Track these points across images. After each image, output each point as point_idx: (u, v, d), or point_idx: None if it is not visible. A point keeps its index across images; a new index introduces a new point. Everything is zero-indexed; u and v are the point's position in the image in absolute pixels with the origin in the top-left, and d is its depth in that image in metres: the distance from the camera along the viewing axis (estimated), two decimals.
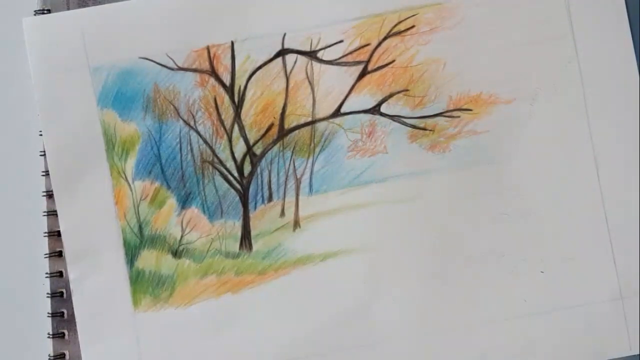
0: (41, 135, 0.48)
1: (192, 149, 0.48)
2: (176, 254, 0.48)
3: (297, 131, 0.48)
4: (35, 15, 0.48)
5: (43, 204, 0.48)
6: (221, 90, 0.48)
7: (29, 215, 0.49)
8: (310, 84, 0.48)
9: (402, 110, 0.48)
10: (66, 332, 0.48)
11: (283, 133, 0.48)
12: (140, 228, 0.48)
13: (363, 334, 0.48)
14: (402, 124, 0.48)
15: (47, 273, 0.48)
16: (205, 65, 0.48)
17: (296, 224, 0.48)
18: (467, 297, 0.48)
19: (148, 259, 0.48)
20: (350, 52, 0.48)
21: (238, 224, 0.48)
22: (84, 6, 0.48)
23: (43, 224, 0.48)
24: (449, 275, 0.48)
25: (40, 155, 0.48)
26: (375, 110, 0.48)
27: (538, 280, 0.48)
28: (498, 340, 0.48)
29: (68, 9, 0.48)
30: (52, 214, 0.48)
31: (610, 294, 0.48)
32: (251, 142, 0.48)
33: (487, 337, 0.48)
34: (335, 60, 0.48)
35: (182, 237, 0.48)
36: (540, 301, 0.48)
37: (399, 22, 0.48)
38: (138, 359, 0.47)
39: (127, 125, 0.48)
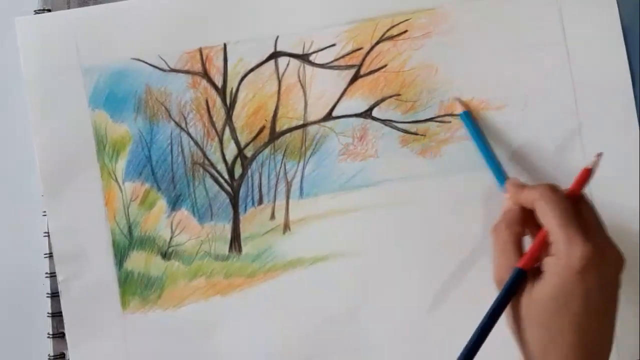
0: None
1: (183, 151, 0.48)
2: (165, 255, 0.48)
3: (288, 134, 0.48)
4: (35, 14, 0.48)
5: (43, 204, 0.48)
6: (213, 92, 0.48)
7: (29, 215, 0.49)
8: (302, 87, 0.48)
9: (393, 114, 0.48)
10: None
11: (274, 136, 0.48)
12: (130, 229, 0.48)
13: (352, 338, 0.48)
14: (394, 129, 0.48)
15: (47, 273, 0.48)
16: (198, 67, 0.48)
17: (286, 227, 0.48)
18: (456, 302, 0.48)
19: (137, 261, 0.48)
20: (343, 56, 0.48)
21: (228, 227, 0.48)
22: (86, 6, 0.48)
23: (43, 224, 0.48)
24: (438, 280, 0.48)
25: None
26: (366, 114, 0.48)
27: None
28: (489, 347, 0.48)
29: (69, 8, 0.48)
30: None
31: None
32: (242, 144, 0.48)
33: None
34: (328, 63, 0.48)
35: (171, 238, 0.48)
36: None
37: (392, 27, 0.48)
38: None
39: (118, 126, 0.48)
